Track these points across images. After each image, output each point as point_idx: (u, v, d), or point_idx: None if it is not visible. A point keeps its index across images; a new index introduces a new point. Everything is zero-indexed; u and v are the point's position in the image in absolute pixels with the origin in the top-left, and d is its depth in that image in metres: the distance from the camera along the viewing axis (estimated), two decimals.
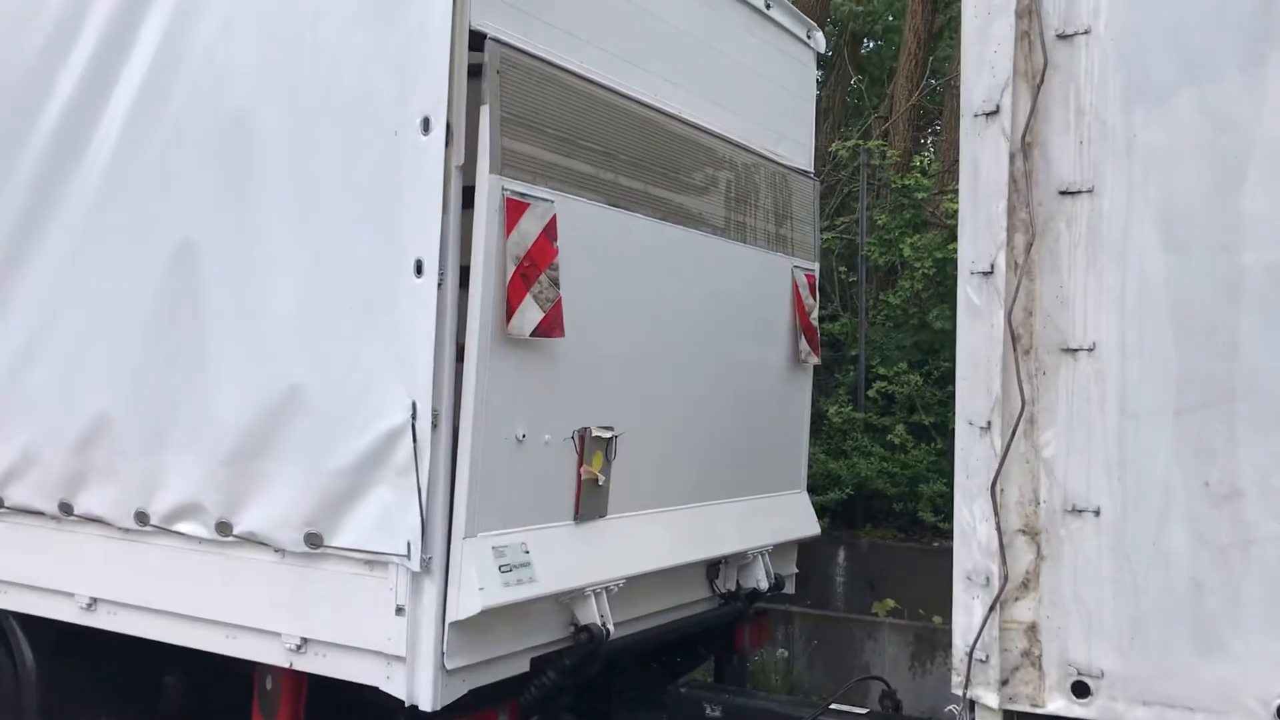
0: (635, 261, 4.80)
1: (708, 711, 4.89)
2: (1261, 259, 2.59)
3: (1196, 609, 2.67)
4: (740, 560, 5.61)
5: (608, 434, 4.59)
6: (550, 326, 4.11)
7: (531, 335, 4.07)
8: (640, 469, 4.83)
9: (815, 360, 6.21)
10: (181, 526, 4.51)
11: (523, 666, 4.33)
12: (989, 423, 2.87)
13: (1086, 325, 2.78)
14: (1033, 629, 2.82)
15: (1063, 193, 2.81)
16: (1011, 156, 2.83)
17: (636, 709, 5.17)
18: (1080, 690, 2.79)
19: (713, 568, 5.45)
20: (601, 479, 4.57)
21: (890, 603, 7.51)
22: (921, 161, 8.85)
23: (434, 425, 3.91)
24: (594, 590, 4.44)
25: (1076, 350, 2.78)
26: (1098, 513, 2.76)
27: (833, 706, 4.63)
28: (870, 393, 8.43)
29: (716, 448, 5.47)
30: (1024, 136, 2.80)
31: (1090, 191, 2.78)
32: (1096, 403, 2.76)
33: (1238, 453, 2.59)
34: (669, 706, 5.05)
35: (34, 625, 5.05)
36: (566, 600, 4.39)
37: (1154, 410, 2.70)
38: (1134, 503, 2.73)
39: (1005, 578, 2.81)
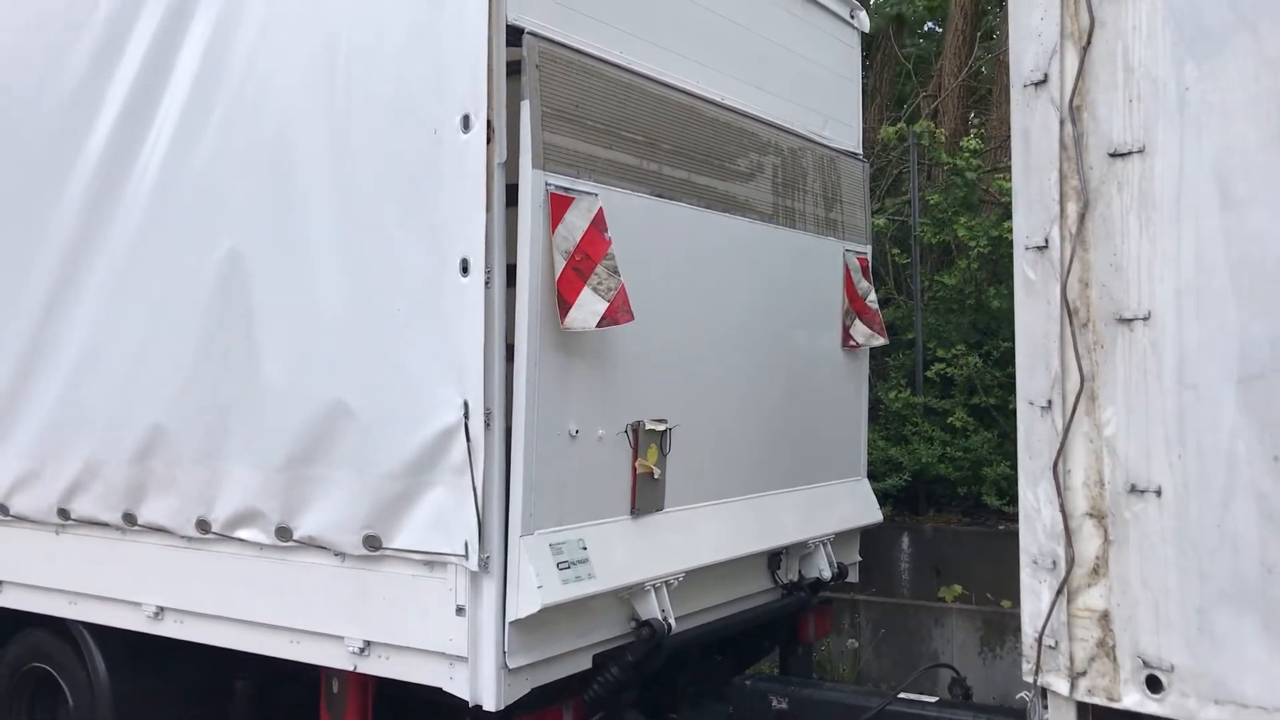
0: (682, 251, 4.76)
1: (774, 703, 4.83)
2: None
3: (1268, 596, 2.47)
4: (802, 550, 5.55)
5: (661, 427, 4.55)
6: (617, 313, 4.05)
7: (598, 326, 4.01)
8: (696, 461, 4.79)
9: (880, 341, 6.09)
10: (242, 533, 4.55)
11: (585, 663, 4.31)
12: (1049, 402, 2.75)
13: (1141, 293, 2.63)
14: (1106, 618, 2.67)
15: (1113, 155, 2.67)
16: (1061, 123, 2.70)
17: (701, 703, 5.12)
18: (1154, 685, 2.61)
19: (774, 558, 5.40)
20: (657, 472, 4.53)
21: (957, 588, 7.39)
22: (972, 139, 8.67)
23: (487, 424, 3.90)
24: (654, 585, 4.41)
25: (1131, 320, 2.63)
26: (1159, 492, 2.59)
27: (901, 695, 4.56)
28: (929, 374, 8.30)
29: (773, 437, 5.41)
30: (1072, 100, 2.68)
31: (1141, 152, 2.63)
32: (1154, 375, 2.60)
33: None
34: (734, 699, 5.01)
35: (105, 635, 5.13)
36: (626, 595, 4.37)
37: (1214, 380, 2.53)
38: (1196, 481, 2.55)
39: (1071, 561, 2.66)
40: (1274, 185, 2.48)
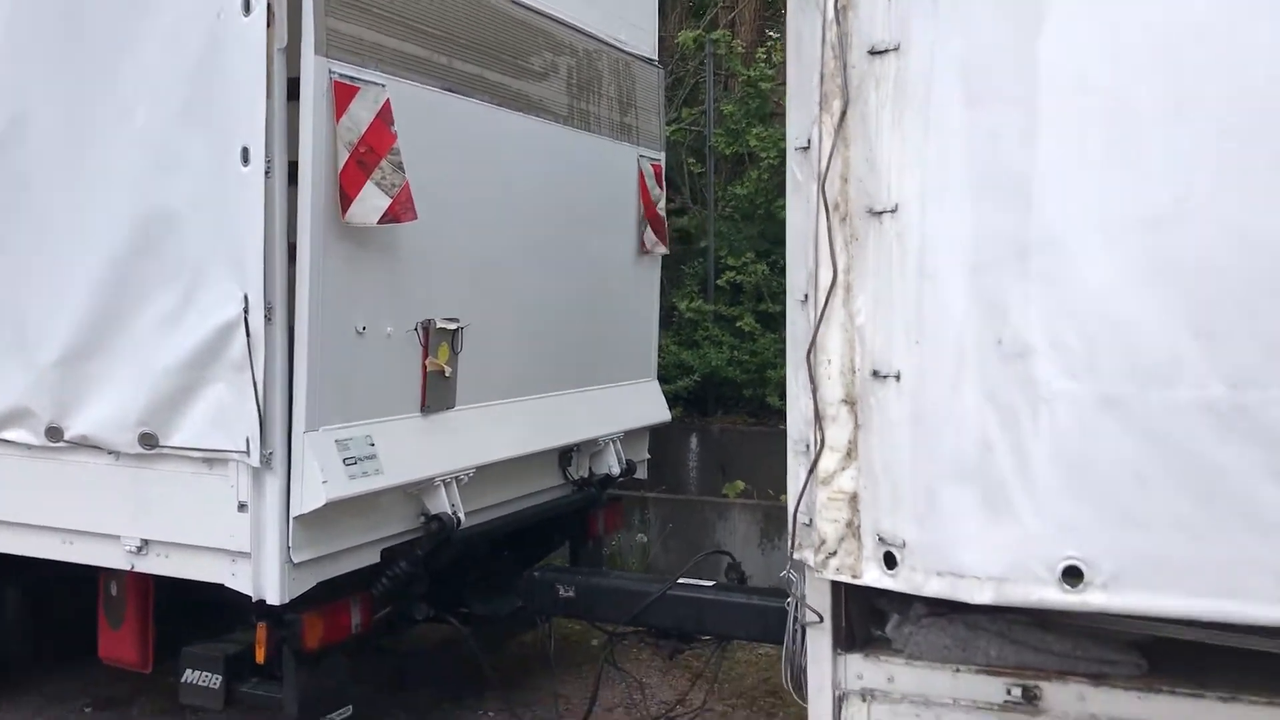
0: (474, 149, 4.73)
1: (561, 592, 5.00)
2: (1058, 108, 2.60)
3: (986, 472, 2.63)
4: (592, 448, 5.71)
5: (453, 325, 4.57)
6: (400, 211, 4.04)
7: (380, 222, 3.99)
8: (489, 360, 4.84)
9: (663, 250, 6.27)
10: (9, 434, 4.36)
11: (374, 558, 4.36)
12: (806, 295, 2.93)
13: (890, 187, 2.76)
14: (854, 499, 2.85)
15: (872, 53, 2.79)
16: (827, 23, 2.82)
17: (491, 595, 5.25)
18: (890, 561, 2.80)
19: (565, 456, 5.54)
20: (448, 370, 4.56)
21: (740, 484, 7.75)
22: (766, 52, 8.85)
23: (268, 319, 3.86)
24: (443, 480, 4.47)
25: (881, 213, 2.76)
26: (898, 377, 2.75)
27: (681, 580, 4.79)
28: (720, 283, 8.56)
29: (567, 338, 5.50)
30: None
31: (896, 49, 2.75)
32: (898, 265, 2.75)
33: (1029, 309, 2.60)
34: (523, 591, 5.15)
35: None
36: (416, 491, 4.42)
37: (950, 269, 2.69)
38: (930, 365, 2.71)
39: (821, 443, 2.86)
40: (1011, 84, 2.64)
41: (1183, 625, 2.75)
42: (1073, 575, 2.58)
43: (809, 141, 2.89)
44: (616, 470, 5.77)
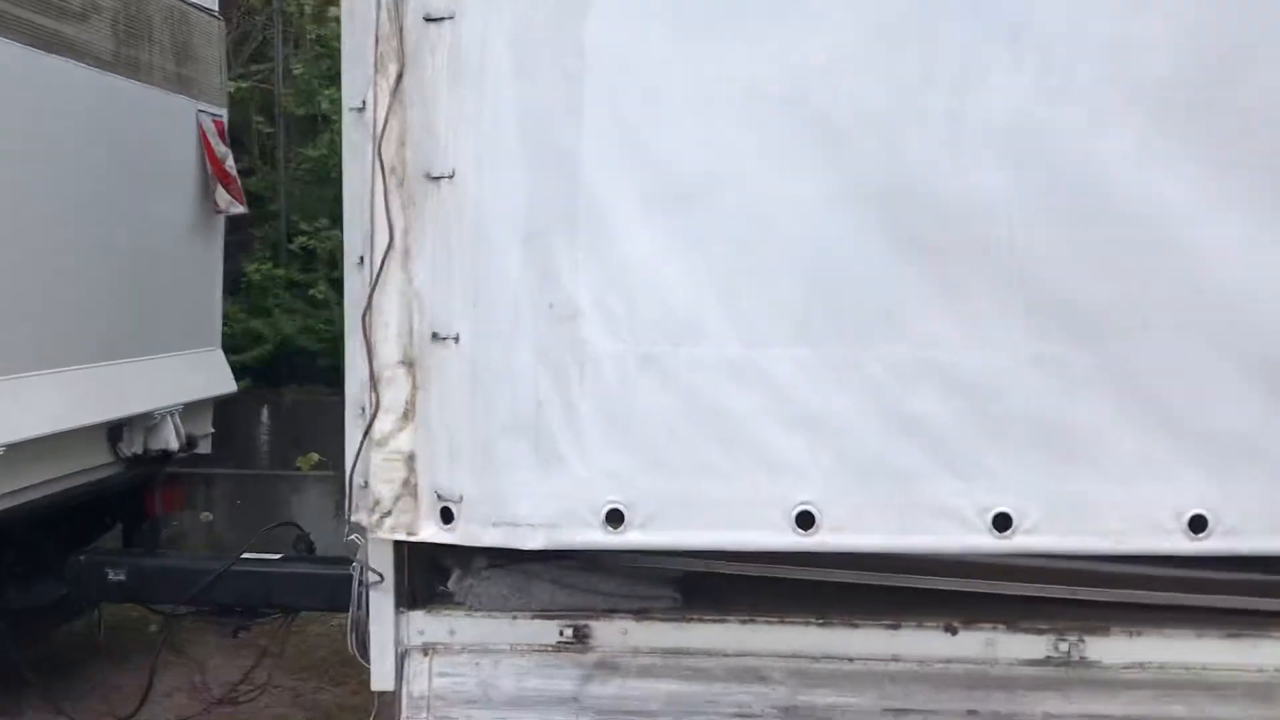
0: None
1: (110, 576, 4.70)
2: (601, 85, 2.76)
3: (538, 427, 2.81)
4: (147, 421, 5.36)
5: None
6: None
7: None
8: (18, 327, 4.43)
9: (240, 209, 5.98)
10: None
11: None
12: (362, 258, 2.93)
13: (448, 153, 2.82)
14: (411, 459, 2.90)
15: (428, 20, 2.81)
16: None
17: (31, 583, 4.82)
18: (446, 516, 2.89)
19: (115, 430, 5.19)
20: None
21: (315, 456, 7.58)
22: (338, 11, 8.64)
23: None
24: None
25: (439, 179, 2.82)
26: (457, 339, 2.84)
27: (246, 555, 4.64)
28: (292, 248, 8.29)
29: (115, 303, 5.14)
30: None
31: (452, 18, 2.80)
32: (456, 230, 2.83)
33: (578, 275, 2.78)
34: (69, 577, 4.79)
35: None
36: None
37: (505, 236, 2.81)
38: (487, 327, 2.83)
39: (377, 405, 2.89)
40: (559, 60, 2.78)
41: (709, 558, 3.07)
42: (615, 518, 2.79)
43: (364, 103, 2.89)
44: (175, 445, 5.47)
